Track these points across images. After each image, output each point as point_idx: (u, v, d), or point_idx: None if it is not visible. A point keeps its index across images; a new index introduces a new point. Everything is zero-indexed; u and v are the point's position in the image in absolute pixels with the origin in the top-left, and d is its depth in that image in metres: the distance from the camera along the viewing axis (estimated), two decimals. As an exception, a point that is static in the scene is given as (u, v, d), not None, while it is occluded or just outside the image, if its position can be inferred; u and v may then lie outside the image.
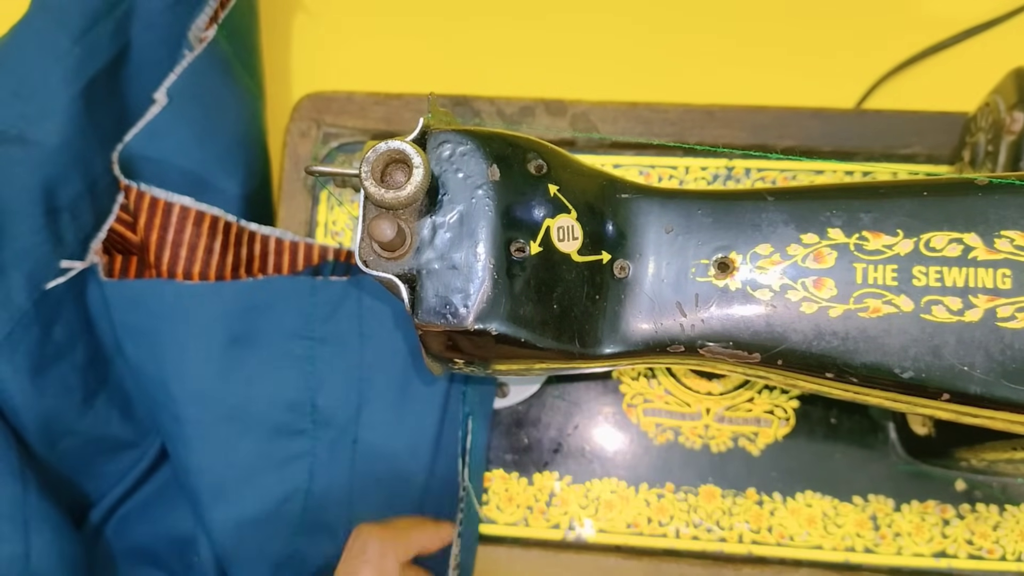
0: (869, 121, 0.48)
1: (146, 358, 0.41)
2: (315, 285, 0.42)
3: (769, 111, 0.49)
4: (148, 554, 0.43)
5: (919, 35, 0.51)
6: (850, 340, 0.29)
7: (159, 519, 0.44)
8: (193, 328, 0.41)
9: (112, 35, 0.41)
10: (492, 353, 0.30)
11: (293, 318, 0.42)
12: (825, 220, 0.29)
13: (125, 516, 0.44)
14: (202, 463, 0.41)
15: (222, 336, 0.41)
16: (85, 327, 0.42)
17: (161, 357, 0.41)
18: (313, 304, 0.42)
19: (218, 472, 0.41)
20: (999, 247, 0.28)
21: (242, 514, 0.41)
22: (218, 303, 0.41)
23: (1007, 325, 0.27)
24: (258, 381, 0.41)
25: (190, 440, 0.41)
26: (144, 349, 0.41)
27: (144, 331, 0.41)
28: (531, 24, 0.54)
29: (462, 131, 0.29)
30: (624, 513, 0.44)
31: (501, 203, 0.28)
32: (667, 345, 0.30)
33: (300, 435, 0.42)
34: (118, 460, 0.43)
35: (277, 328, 0.42)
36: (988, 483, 0.43)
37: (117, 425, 0.43)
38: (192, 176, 0.43)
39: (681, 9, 0.53)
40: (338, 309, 0.42)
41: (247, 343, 0.41)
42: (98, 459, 0.43)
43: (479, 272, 0.27)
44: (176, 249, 0.42)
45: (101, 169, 0.42)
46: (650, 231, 0.31)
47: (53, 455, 0.41)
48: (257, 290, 0.42)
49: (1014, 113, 0.39)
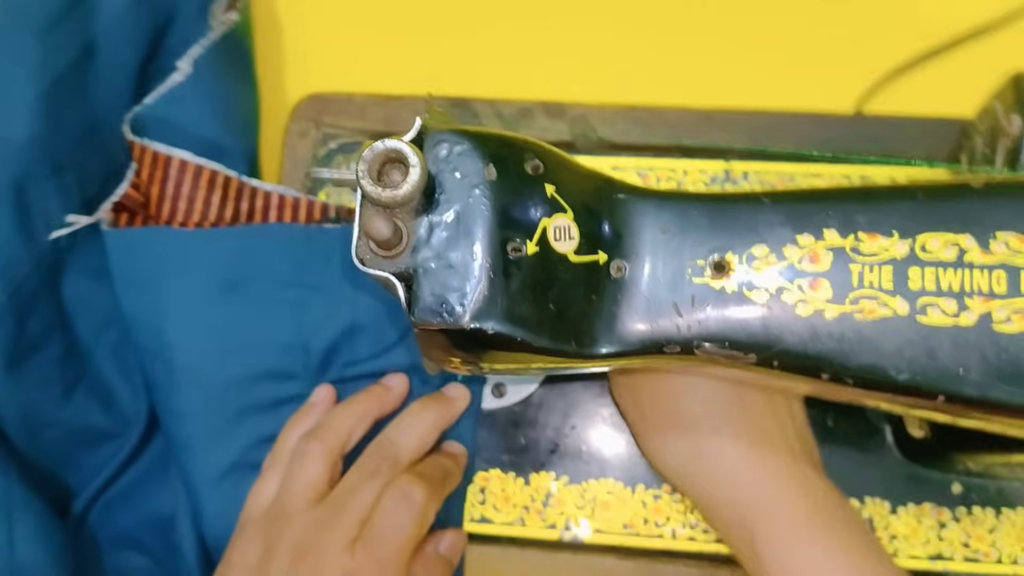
0: (867, 126, 0.48)
1: (142, 308, 0.42)
2: (309, 232, 0.43)
3: (767, 115, 0.49)
4: (131, 540, 0.43)
5: (917, 40, 0.51)
6: (846, 342, 0.29)
7: (140, 504, 0.44)
8: (188, 273, 0.41)
9: (75, 34, 0.42)
10: (488, 352, 0.30)
11: (286, 264, 0.42)
12: (821, 222, 0.30)
13: (107, 504, 0.44)
14: (193, 409, 0.41)
15: (216, 281, 0.41)
16: (60, 321, 0.43)
17: (157, 304, 0.41)
18: (307, 251, 0.42)
19: (209, 417, 0.41)
20: (994, 250, 0.28)
21: (232, 460, 0.42)
22: (212, 248, 0.42)
23: (1002, 328, 0.28)
24: (251, 326, 0.42)
25: (181, 386, 0.41)
26: (141, 298, 0.42)
27: (141, 279, 0.42)
28: (530, 26, 0.54)
29: (459, 131, 0.29)
30: (620, 514, 0.44)
31: (497, 203, 0.28)
32: (663, 345, 0.31)
33: (291, 378, 0.43)
34: (100, 451, 0.44)
35: (270, 274, 0.42)
36: (984, 486, 0.43)
37: (97, 415, 0.44)
38: (205, 146, 0.44)
39: (680, 13, 0.53)
40: (332, 256, 0.42)
41: (240, 288, 0.42)
42: (80, 450, 0.43)
43: (475, 271, 0.28)
44: (175, 202, 0.43)
45: (71, 167, 0.42)
46: (646, 232, 0.31)
47: (35, 447, 0.41)
48: (251, 235, 0.42)
49: (1011, 117, 0.40)
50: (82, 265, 0.43)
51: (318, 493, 0.38)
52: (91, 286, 0.44)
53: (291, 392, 0.43)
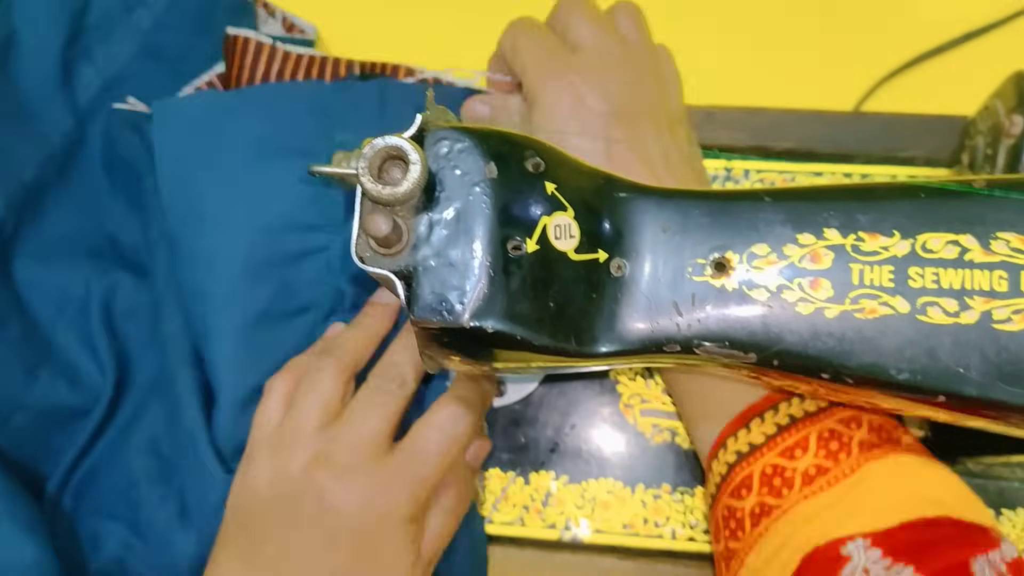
0: (868, 124, 0.48)
1: (179, 174, 0.42)
2: (336, 87, 0.44)
3: (768, 113, 0.49)
4: (103, 509, 0.43)
5: (918, 38, 0.51)
6: (846, 341, 0.29)
7: (109, 476, 0.44)
8: (222, 132, 0.42)
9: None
10: (488, 351, 0.30)
11: (314, 119, 0.43)
12: (822, 221, 0.29)
13: (81, 479, 0.44)
14: (222, 257, 0.41)
15: (249, 137, 0.42)
16: (15, 306, 0.43)
17: (193, 165, 0.42)
18: (335, 104, 0.43)
19: (237, 266, 0.41)
20: (995, 249, 0.28)
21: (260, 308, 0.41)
22: (244, 106, 0.42)
23: (1003, 327, 0.27)
24: (280, 180, 0.42)
25: (209, 234, 0.42)
26: (178, 165, 0.42)
27: (180, 143, 0.43)
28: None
29: (460, 128, 0.29)
30: (620, 513, 0.44)
31: (498, 200, 0.28)
32: (663, 344, 0.30)
33: (317, 230, 0.42)
34: (72, 430, 0.44)
35: (300, 128, 0.42)
36: (985, 487, 0.43)
37: (65, 394, 0.44)
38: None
39: (680, 10, 0.53)
40: (357, 110, 0.43)
41: (271, 143, 0.42)
42: (53, 432, 0.43)
43: (475, 269, 0.28)
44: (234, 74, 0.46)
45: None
46: (647, 230, 0.31)
47: (6, 433, 0.42)
48: (280, 92, 0.44)
49: (1013, 117, 0.40)
50: (30, 249, 0.44)
51: (331, 412, 0.37)
52: (42, 268, 0.44)
53: (316, 244, 0.42)
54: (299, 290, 0.42)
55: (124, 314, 0.46)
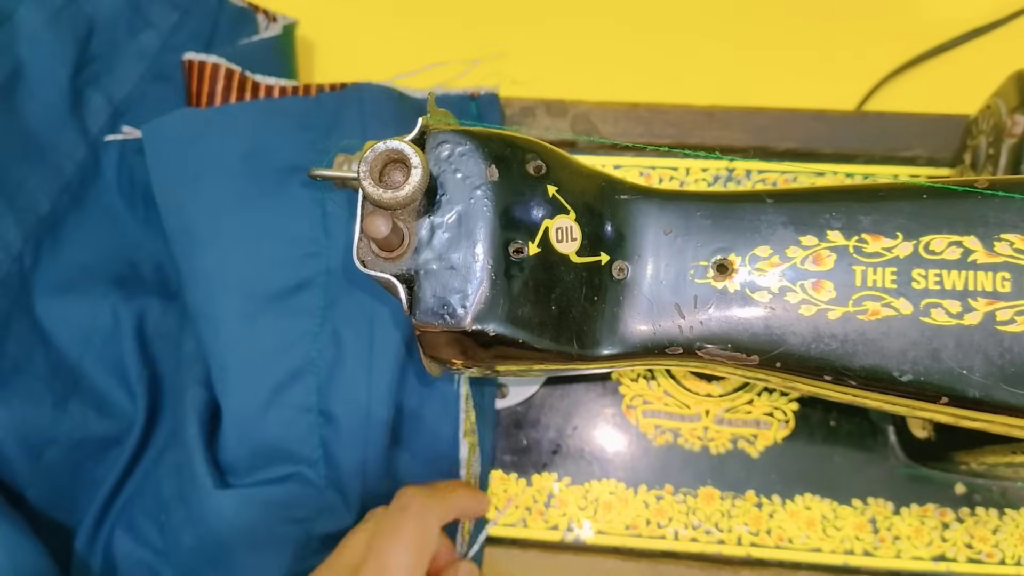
0: (870, 123, 0.48)
1: (170, 197, 0.42)
2: (317, 97, 0.45)
3: (770, 113, 0.48)
4: (136, 535, 0.43)
5: (920, 38, 0.50)
6: (849, 343, 0.29)
7: (142, 501, 0.44)
8: (209, 149, 0.42)
9: (2, 58, 0.43)
10: (490, 354, 0.30)
11: (298, 134, 0.43)
12: (824, 222, 0.29)
13: (118, 512, 0.44)
14: (215, 290, 0.41)
15: (235, 155, 0.42)
16: (40, 339, 0.43)
17: (183, 191, 0.42)
18: (316, 114, 0.44)
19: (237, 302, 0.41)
20: (999, 250, 0.28)
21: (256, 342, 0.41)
22: (233, 121, 0.43)
23: (1006, 329, 0.27)
24: (269, 198, 0.42)
25: (206, 272, 0.42)
26: (169, 185, 0.42)
27: (173, 158, 0.43)
28: (532, 25, 0.54)
29: (461, 131, 0.29)
30: (623, 515, 0.44)
31: (499, 204, 0.28)
32: (665, 347, 0.30)
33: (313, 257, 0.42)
34: (105, 462, 0.44)
35: (287, 143, 0.43)
36: (988, 487, 0.43)
37: (96, 424, 0.43)
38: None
39: (682, 11, 0.53)
40: (340, 114, 0.44)
41: (259, 159, 0.42)
42: (86, 464, 0.43)
43: (477, 273, 0.27)
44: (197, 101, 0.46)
45: (7, 185, 0.43)
46: (649, 232, 0.31)
47: (40, 468, 0.41)
48: (263, 107, 0.44)
49: (1015, 116, 0.39)
50: (48, 282, 0.44)
51: None
52: (64, 300, 0.44)
53: (311, 273, 0.42)
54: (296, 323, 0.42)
55: (156, 338, 0.46)
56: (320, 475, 0.41)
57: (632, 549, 0.44)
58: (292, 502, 0.40)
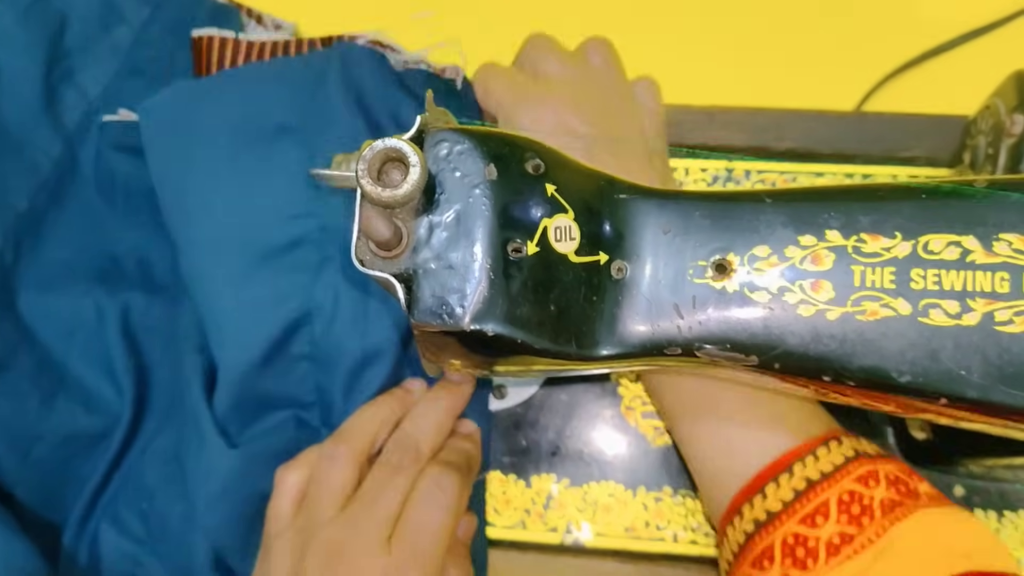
0: (869, 124, 0.48)
1: (166, 172, 0.43)
2: (301, 57, 0.45)
3: (769, 113, 0.49)
4: (121, 527, 0.43)
5: (919, 38, 0.51)
6: (847, 343, 0.28)
7: (126, 494, 0.44)
8: (201, 118, 0.43)
9: None
10: (488, 354, 0.30)
11: (288, 95, 0.43)
12: (823, 222, 0.29)
13: (104, 506, 0.44)
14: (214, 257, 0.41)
15: (226, 121, 0.42)
16: (24, 337, 0.43)
17: (178, 164, 0.42)
18: (305, 72, 0.44)
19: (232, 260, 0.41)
20: (997, 250, 0.28)
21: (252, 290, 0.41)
22: (219, 91, 0.43)
23: (1005, 329, 0.27)
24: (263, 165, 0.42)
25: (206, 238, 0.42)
26: (164, 161, 0.43)
27: (165, 143, 0.43)
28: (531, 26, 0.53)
29: (459, 130, 0.28)
30: (622, 517, 0.44)
31: (498, 203, 0.28)
32: (664, 347, 0.30)
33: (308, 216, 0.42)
34: (93, 457, 0.44)
35: (275, 105, 0.43)
36: (986, 488, 0.42)
37: (83, 419, 0.44)
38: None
39: (681, 10, 0.53)
40: (326, 74, 0.43)
41: (250, 123, 0.42)
42: (74, 461, 0.43)
43: (475, 272, 0.27)
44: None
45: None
46: (648, 232, 0.31)
47: (28, 465, 0.42)
48: (252, 72, 0.44)
49: (1014, 116, 0.39)
50: (30, 279, 0.44)
51: (345, 497, 0.37)
52: (47, 296, 0.44)
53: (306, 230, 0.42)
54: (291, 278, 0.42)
55: (141, 331, 0.46)
56: (315, 417, 0.42)
57: (631, 551, 0.44)
58: (293, 448, 0.40)
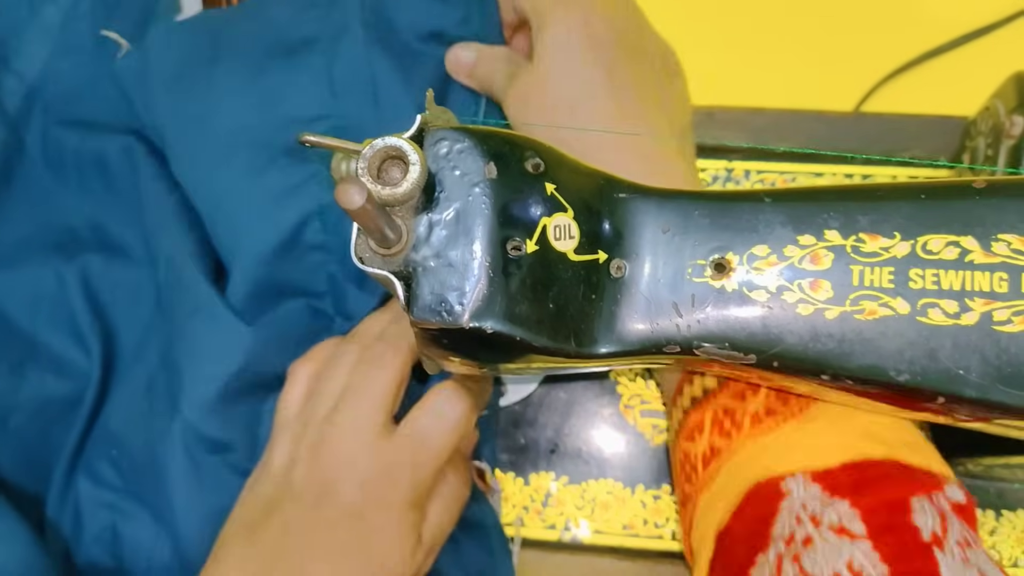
0: (869, 124, 0.48)
1: (183, 100, 0.43)
2: None
3: (769, 113, 0.49)
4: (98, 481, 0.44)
5: (919, 39, 0.51)
6: (846, 342, 0.29)
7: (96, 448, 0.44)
8: (222, 39, 0.44)
9: None
10: (487, 352, 0.30)
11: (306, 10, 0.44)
12: (822, 222, 0.29)
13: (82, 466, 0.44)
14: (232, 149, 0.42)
15: (249, 36, 0.43)
16: None
17: (200, 82, 0.43)
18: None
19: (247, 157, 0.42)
20: (996, 250, 0.28)
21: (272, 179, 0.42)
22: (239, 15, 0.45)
23: (1003, 329, 0.27)
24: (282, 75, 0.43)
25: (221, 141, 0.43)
26: (182, 91, 0.43)
27: (181, 70, 0.44)
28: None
29: (459, 128, 0.29)
30: (620, 514, 0.44)
31: (497, 201, 0.28)
32: (663, 346, 0.30)
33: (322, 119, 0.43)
34: (69, 423, 0.44)
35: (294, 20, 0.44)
36: (984, 488, 0.43)
37: (55, 385, 0.44)
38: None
39: (681, 11, 0.53)
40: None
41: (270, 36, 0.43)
42: (51, 426, 0.44)
43: (475, 270, 0.27)
44: None
45: None
46: (647, 231, 0.31)
47: (8, 436, 0.43)
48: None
49: (1014, 117, 0.39)
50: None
51: None
52: (7, 273, 0.45)
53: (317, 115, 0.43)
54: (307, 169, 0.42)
55: (103, 290, 0.46)
56: (329, 306, 0.43)
57: (629, 549, 0.44)
58: (308, 335, 0.41)
